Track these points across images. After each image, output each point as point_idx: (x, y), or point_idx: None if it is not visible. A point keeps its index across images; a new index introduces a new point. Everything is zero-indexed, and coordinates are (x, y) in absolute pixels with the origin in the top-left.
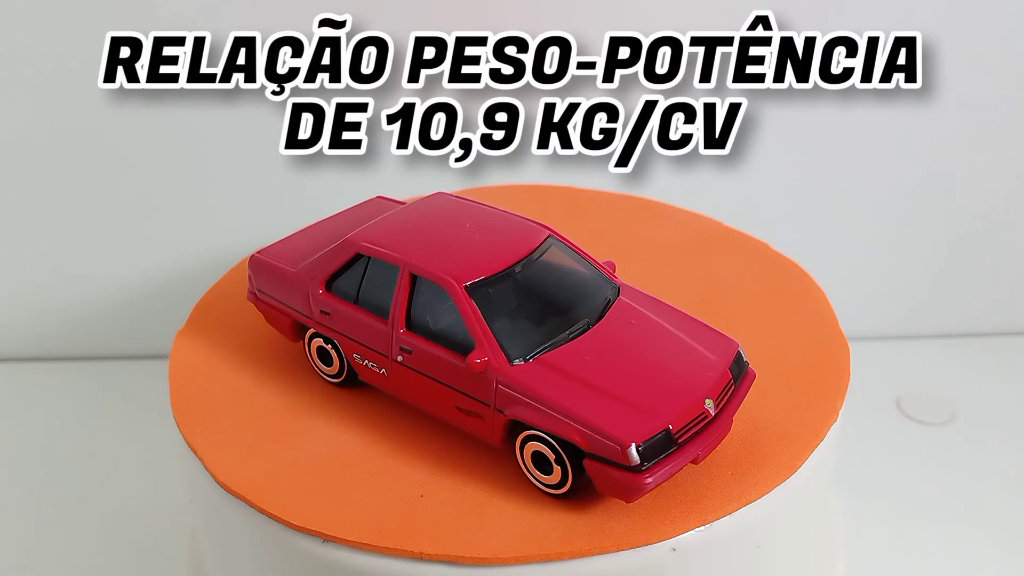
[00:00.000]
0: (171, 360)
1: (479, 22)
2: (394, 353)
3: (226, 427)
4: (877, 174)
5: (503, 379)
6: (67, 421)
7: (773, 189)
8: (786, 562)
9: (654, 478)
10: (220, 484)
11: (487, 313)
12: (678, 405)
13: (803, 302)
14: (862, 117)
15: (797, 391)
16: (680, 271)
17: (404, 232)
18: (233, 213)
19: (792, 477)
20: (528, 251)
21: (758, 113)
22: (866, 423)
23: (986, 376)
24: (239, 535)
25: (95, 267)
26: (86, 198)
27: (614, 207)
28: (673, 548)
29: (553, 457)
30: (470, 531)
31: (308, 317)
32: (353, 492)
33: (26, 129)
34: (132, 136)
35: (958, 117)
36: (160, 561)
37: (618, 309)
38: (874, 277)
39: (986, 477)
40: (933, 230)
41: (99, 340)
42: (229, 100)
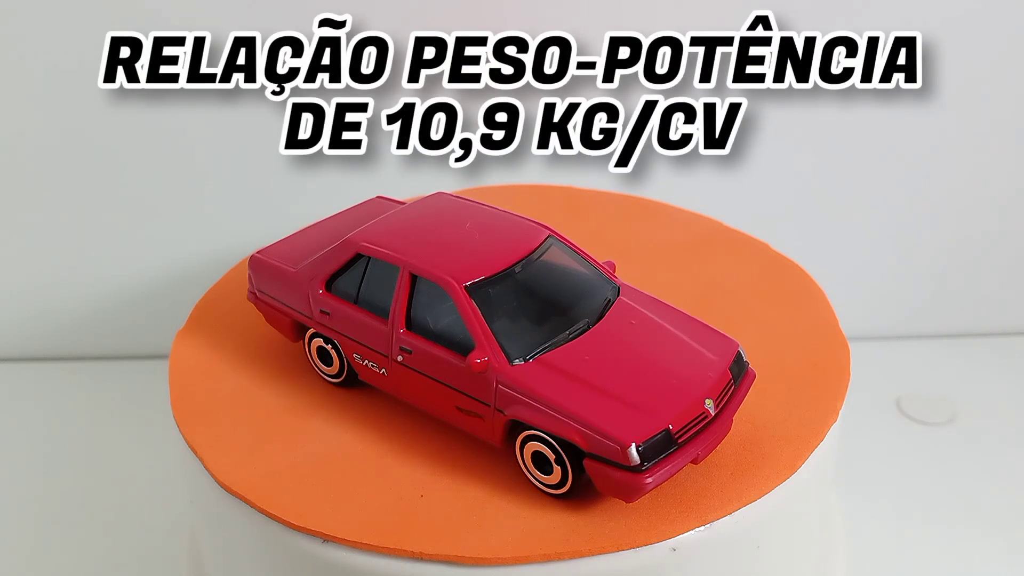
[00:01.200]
0: (171, 360)
1: (479, 22)
2: (394, 353)
3: (226, 427)
4: (877, 174)
5: (503, 379)
6: (67, 421)
7: (773, 189)
8: (786, 562)
9: (654, 478)
10: (220, 484)
11: (487, 313)
12: (678, 405)
13: (803, 302)
14: (862, 117)
15: (797, 391)
16: (680, 271)
17: (404, 232)
18: (233, 213)
19: (792, 477)
20: (528, 251)
21: (758, 113)
22: (866, 423)
23: (986, 376)
24: (239, 535)
25: (95, 267)
26: (86, 198)
27: (614, 207)
28: (673, 548)
29: (553, 457)
30: (470, 531)
31: (308, 317)
32: (353, 492)
33: (26, 129)
34: (132, 136)
35: (958, 117)
36: (160, 561)
37: (618, 309)
38: (874, 277)
39: (986, 477)
40: (933, 230)
41: (99, 340)
42: (229, 100)
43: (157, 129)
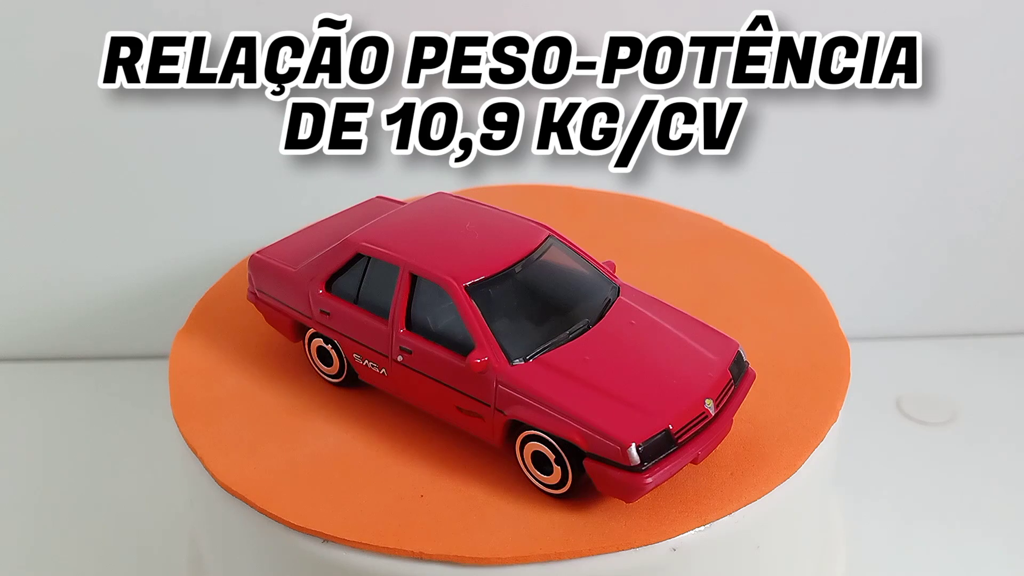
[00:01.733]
0: (171, 360)
1: (479, 22)
2: (394, 353)
3: (226, 427)
4: (877, 174)
5: (503, 379)
6: (67, 421)
7: (773, 189)
8: (786, 562)
9: (654, 478)
10: (220, 484)
11: (487, 313)
12: (678, 405)
13: (803, 302)
14: (862, 117)
15: (797, 391)
16: (680, 271)
17: (404, 232)
18: (233, 213)
19: (792, 477)
20: (528, 251)
21: (758, 113)
22: (866, 423)
23: (986, 376)
24: (239, 535)
25: (95, 267)
26: (86, 198)
27: (614, 207)
28: (673, 548)
29: (553, 457)
30: (470, 531)
31: (308, 317)
32: (353, 492)
33: (26, 129)
34: (132, 136)
35: (958, 117)
36: (160, 561)
37: (618, 309)
38: (874, 277)
39: (986, 477)
40: (933, 230)
41: (99, 340)
42: (229, 100)
43: (157, 129)
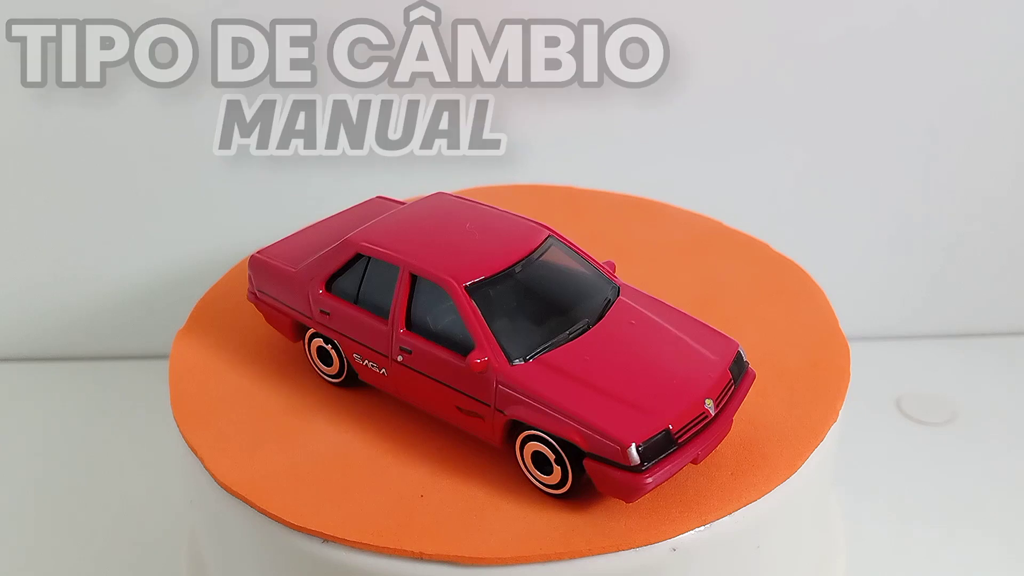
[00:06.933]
0: (171, 360)
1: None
2: (394, 353)
3: (226, 427)
4: (877, 174)
5: (503, 379)
6: (67, 421)
7: (773, 189)
8: (786, 562)
9: (654, 478)
10: (220, 484)
11: (487, 313)
12: (678, 405)
13: (803, 302)
14: (862, 117)
15: (797, 391)
16: (680, 271)
17: (404, 232)
18: (233, 213)
19: (792, 477)
20: (528, 251)
21: (758, 112)
22: (866, 423)
23: (986, 376)
24: (239, 535)
25: (95, 267)
26: (86, 198)
27: (614, 207)
28: (673, 548)
29: (553, 457)
30: (470, 531)
31: (308, 317)
32: (353, 492)
33: (26, 128)
34: (132, 136)
35: (958, 117)
36: (160, 561)
37: (618, 309)
38: (874, 277)
39: (986, 477)
40: (933, 230)
41: (99, 340)
42: (229, 100)
43: (158, 128)
